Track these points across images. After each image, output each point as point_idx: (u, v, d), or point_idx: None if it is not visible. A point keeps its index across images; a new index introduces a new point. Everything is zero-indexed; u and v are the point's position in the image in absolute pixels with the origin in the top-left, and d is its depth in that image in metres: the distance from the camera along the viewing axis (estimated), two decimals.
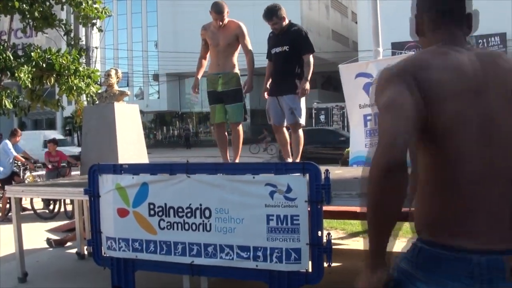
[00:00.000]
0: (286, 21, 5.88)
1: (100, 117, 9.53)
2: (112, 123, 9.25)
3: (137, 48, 46.00)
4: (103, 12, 13.20)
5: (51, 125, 55.04)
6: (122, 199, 4.63)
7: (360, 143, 7.99)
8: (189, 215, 4.29)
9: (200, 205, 4.23)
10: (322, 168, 4.00)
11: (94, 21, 13.45)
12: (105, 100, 9.77)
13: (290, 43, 5.78)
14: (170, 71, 42.86)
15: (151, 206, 4.46)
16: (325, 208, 4.02)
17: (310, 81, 5.74)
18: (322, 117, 32.94)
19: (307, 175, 3.93)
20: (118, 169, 4.72)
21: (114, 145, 9.12)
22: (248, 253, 4.07)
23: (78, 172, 10.55)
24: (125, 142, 9.28)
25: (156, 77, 46.26)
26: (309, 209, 3.89)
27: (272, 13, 5.80)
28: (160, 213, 4.43)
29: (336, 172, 6.03)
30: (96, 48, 36.34)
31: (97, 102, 10.47)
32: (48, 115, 51.92)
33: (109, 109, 9.37)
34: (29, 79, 11.75)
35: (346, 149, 17.05)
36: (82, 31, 34.84)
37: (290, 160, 5.97)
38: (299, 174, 3.96)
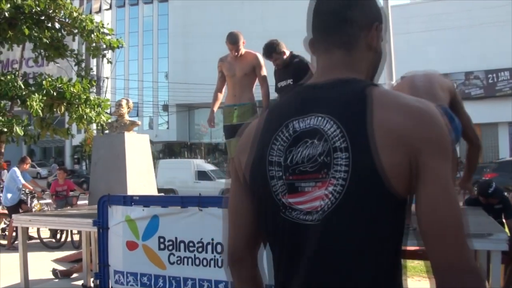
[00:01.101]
0: (287, 54, 5.81)
1: (110, 147, 9.49)
2: (122, 153, 9.21)
3: (148, 78, 46.37)
4: (116, 42, 13.29)
5: (60, 154, 55.22)
6: (131, 231, 4.51)
7: None
8: (200, 250, 4.17)
9: (212, 239, 4.10)
10: None
11: (105, 51, 13.56)
12: (115, 130, 9.74)
13: (293, 76, 5.70)
14: (180, 102, 43.08)
15: (161, 240, 4.34)
16: None
17: None
18: None
19: None
20: (129, 200, 4.62)
21: (123, 176, 9.06)
22: None
23: (86, 202, 10.47)
24: (134, 172, 9.22)
25: (166, 107, 46.49)
26: None
27: (271, 50, 5.74)
28: (170, 247, 4.31)
29: None
30: (107, 78, 36.73)
31: (107, 131, 10.47)
32: (57, 143, 52.15)
33: (119, 139, 9.33)
34: (40, 107, 11.79)
35: None
36: (93, 61, 35.30)
37: None
38: None
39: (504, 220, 5.98)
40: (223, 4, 42.11)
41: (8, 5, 11.67)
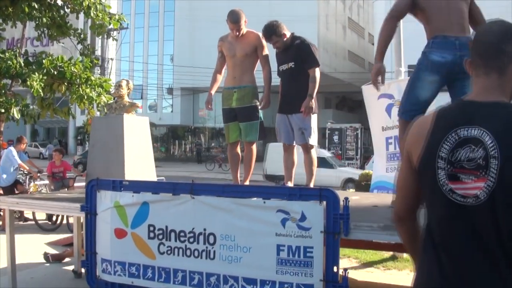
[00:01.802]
0: (288, 35, 5.47)
1: (108, 129, 9.24)
2: (120, 135, 8.95)
3: (153, 61, 46.01)
4: (118, 19, 12.97)
5: (63, 134, 55.15)
6: (120, 218, 4.26)
7: (381, 167, 7.55)
8: (191, 240, 3.91)
9: (204, 229, 3.84)
10: (341, 195, 3.61)
11: (111, 31, 13.26)
12: (115, 111, 9.50)
13: (294, 59, 5.36)
14: (185, 85, 42.76)
15: (151, 228, 4.09)
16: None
17: (325, 100, 5.31)
18: (335, 138, 32.73)
19: (324, 202, 3.53)
20: (118, 185, 4.36)
21: (121, 159, 8.80)
22: (255, 287, 3.67)
23: (84, 184, 10.25)
24: (133, 155, 8.97)
25: (170, 90, 46.19)
26: (324, 240, 3.49)
27: (271, 32, 5.38)
28: (160, 236, 4.06)
29: (353, 198, 5.61)
30: (112, 59, 36.46)
31: (107, 112, 10.23)
32: (61, 124, 52.09)
33: (118, 121, 9.08)
34: (40, 87, 11.53)
35: (361, 172, 16.69)
36: (98, 42, 35.08)
37: (290, 185, 5.52)
38: (315, 201, 3.56)
39: None
40: None
41: None
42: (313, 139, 5.43)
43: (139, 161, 9.16)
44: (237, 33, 5.44)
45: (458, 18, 3.91)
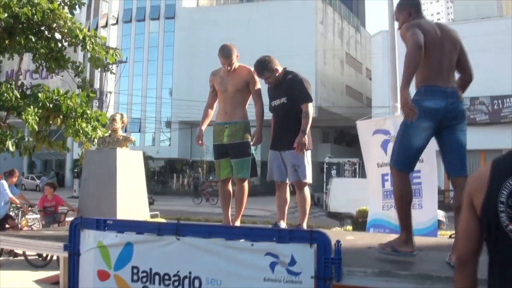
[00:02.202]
0: (280, 70, 5.37)
1: (101, 163, 9.12)
2: (113, 169, 8.82)
3: (151, 94, 46.15)
4: (114, 54, 12.97)
5: (60, 167, 54.91)
6: (103, 259, 4.08)
7: (378, 205, 7.38)
8: (176, 283, 3.72)
9: (190, 273, 3.65)
10: (332, 237, 3.44)
11: (109, 65, 13.24)
12: (108, 145, 9.39)
13: (287, 94, 5.26)
14: (183, 119, 42.75)
15: (135, 270, 3.90)
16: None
17: (323, 134, 5.18)
18: (333, 172, 32.74)
19: (315, 245, 3.36)
20: (102, 224, 4.18)
21: (113, 193, 8.65)
22: None
23: None
24: (125, 191, 8.82)
25: (168, 124, 46.19)
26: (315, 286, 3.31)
27: (263, 67, 5.30)
28: (144, 279, 3.86)
29: (348, 238, 5.43)
30: (110, 92, 36.50)
31: (100, 146, 10.10)
32: (58, 156, 51.92)
33: (111, 155, 8.96)
34: (35, 121, 11.44)
35: (358, 208, 16.44)
36: (97, 75, 35.15)
37: (283, 224, 5.35)
38: (305, 244, 3.39)
39: None
40: (230, 24, 42.07)
41: (6, 14, 11.36)
42: (307, 177, 5.28)
43: (132, 195, 8.99)
44: (229, 68, 5.35)
45: (448, 69, 3.99)
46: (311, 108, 5.19)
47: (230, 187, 5.64)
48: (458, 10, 38.19)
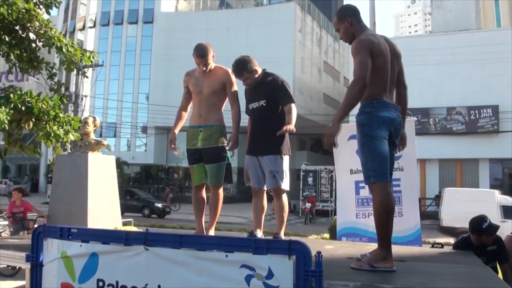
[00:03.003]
0: (259, 72, 5.15)
1: (72, 168, 8.87)
2: (84, 175, 8.57)
3: (128, 99, 45.59)
4: (90, 57, 12.65)
5: (35, 171, 53.96)
6: (67, 271, 3.78)
7: (350, 212, 7.19)
8: None
9: (159, 286, 3.39)
10: (311, 247, 3.23)
11: (84, 68, 12.94)
12: (79, 149, 9.11)
13: (266, 97, 5.03)
14: (159, 124, 42.29)
15: (100, 284, 3.61)
16: None
17: (299, 142, 4.95)
18: (310, 180, 32.80)
19: (294, 257, 3.13)
20: (66, 233, 3.89)
21: (84, 200, 8.40)
22: None
23: None
24: (96, 196, 8.56)
25: (144, 129, 45.69)
26: None
27: (242, 68, 5.06)
28: None
29: (327, 247, 5.23)
30: (86, 96, 35.95)
31: (72, 150, 9.80)
32: (32, 160, 51.04)
33: (82, 160, 8.73)
34: (7, 121, 11.10)
35: (335, 217, 16.25)
36: (73, 79, 34.65)
37: (259, 233, 5.12)
38: (283, 255, 3.16)
39: (498, 265, 5.39)
40: (208, 30, 41.83)
41: None
42: (285, 183, 5.06)
43: (104, 202, 8.72)
44: (204, 68, 5.11)
45: (391, 85, 4.10)
46: (294, 108, 4.98)
47: (204, 193, 5.39)
48: (436, 22, 38.51)
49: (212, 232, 5.31)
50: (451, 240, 13.39)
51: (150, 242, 3.44)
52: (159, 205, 30.92)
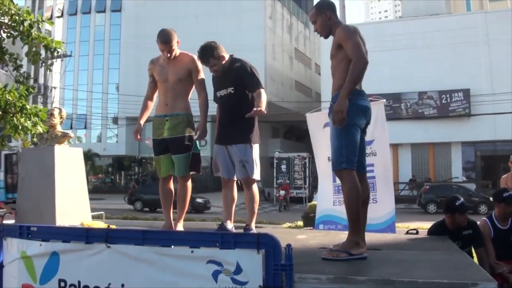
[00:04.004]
0: (227, 58, 4.98)
1: (39, 161, 8.59)
2: (51, 168, 8.31)
3: (98, 90, 44.90)
4: (55, 48, 12.31)
5: None
6: (28, 272, 3.61)
7: (327, 200, 7.12)
8: None
9: (122, 285, 3.24)
10: (282, 237, 3.11)
11: (50, 60, 12.58)
12: (46, 142, 8.85)
13: (234, 83, 4.85)
14: (130, 115, 41.74)
15: (62, 284, 3.45)
16: None
17: (272, 129, 4.80)
18: (283, 167, 32.79)
19: (263, 251, 3.01)
20: (25, 232, 3.70)
21: (51, 194, 8.15)
22: None
23: (14, 222, 9.43)
24: (64, 189, 8.32)
25: (115, 120, 45.07)
26: None
27: (208, 54, 4.87)
28: None
29: (299, 237, 5.13)
30: (55, 88, 35.30)
31: (38, 143, 9.55)
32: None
33: (49, 152, 8.45)
34: None
35: (309, 204, 16.22)
36: (41, 70, 34.01)
37: (230, 225, 4.98)
38: (252, 249, 3.04)
39: (473, 249, 5.36)
40: (178, 18, 41.28)
41: None
42: (256, 173, 4.91)
43: (72, 195, 8.48)
44: (169, 55, 4.91)
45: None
46: (264, 93, 4.81)
47: (171, 185, 5.21)
48: (407, 8, 38.72)
49: (181, 226, 5.14)
50: (425, 225, 13.51)
51: (112, 239, 3.30)
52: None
